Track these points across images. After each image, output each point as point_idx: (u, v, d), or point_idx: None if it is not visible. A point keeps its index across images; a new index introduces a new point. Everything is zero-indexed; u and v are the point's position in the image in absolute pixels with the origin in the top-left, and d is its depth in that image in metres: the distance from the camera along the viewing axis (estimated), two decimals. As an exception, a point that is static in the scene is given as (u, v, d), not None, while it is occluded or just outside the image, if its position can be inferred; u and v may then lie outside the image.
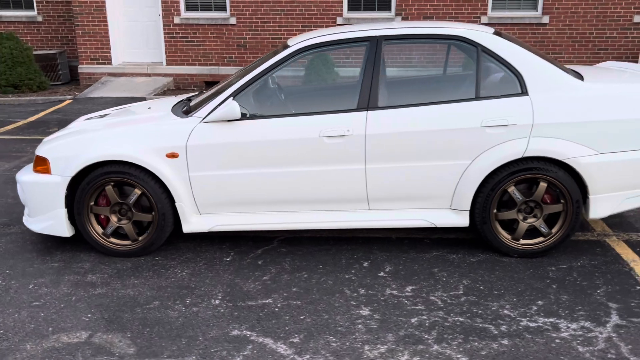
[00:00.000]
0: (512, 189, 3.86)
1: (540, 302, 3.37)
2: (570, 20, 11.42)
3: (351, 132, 3.82)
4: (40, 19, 13.77)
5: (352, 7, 11.81)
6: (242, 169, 3.91)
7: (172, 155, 3.91)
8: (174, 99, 4.72)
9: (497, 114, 3.77)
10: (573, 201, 3.81)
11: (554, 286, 3.56)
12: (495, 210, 3.92)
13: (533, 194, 3.86)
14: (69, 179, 3.97)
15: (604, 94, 3.77)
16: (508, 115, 3.76)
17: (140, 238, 4.09)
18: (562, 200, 3.85)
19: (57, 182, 3.98)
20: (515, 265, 3.86)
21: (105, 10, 12.36)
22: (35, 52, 12.88)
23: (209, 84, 12.36)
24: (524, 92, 3.80)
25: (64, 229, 4.06)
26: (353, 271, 3.82)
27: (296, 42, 4.03)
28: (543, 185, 3.83)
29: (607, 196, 3.83)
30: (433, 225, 3.93)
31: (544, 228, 3.91)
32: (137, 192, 3.99)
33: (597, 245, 4.13)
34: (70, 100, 11.07)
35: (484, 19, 11.43)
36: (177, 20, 12.12)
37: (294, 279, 3.73)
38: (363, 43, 3.98)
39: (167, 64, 12.45)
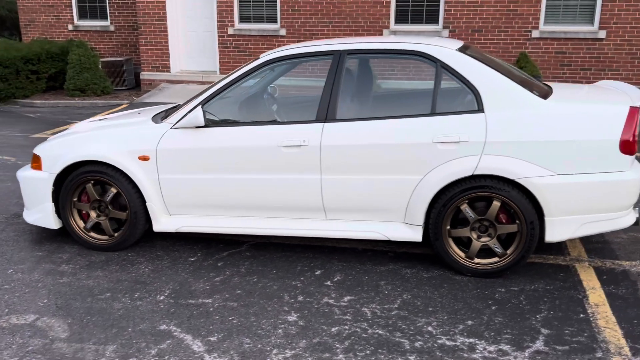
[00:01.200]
0: (464, 207, 3.82)
1: (469, 322, 3.32)
2: (630, 36, 10.85)
3: (307, 142, 3.93)
4: (112, 28, 14.77)
5: (400, 19, 11.83)
6: (206, 174, 4.11)
7: (144, 158, 4.18)
8: (166, 107, 5.02)
9: (449, 130, 3.74)
10: (527, 222, 3.71)
11: (493, 307, 3.49)
12: (448, 227, 3.88)
13: (487, 212, 3.79)
14: (54, 176, 4.33)
15: (563, 113, 3.66)
16: (460, 131, 3.73)
17: (116, 234, 4.38)
18: (517, 221, 3.76)
19: (45, 179, 4.36)
20: (466, 284, 3.80)
21: (166, 20, 13.08)
22: (103, 59, 13.84)
23: (259, 93, 12.76)
24: (479, 109, 3.76)
25: (51, 222, 4.43)
26: (302, 278, 3.92)
27: (265, 54, 4.19)
28: (496, 204, 3.76)
29: (564, 219, 3.69)
30: (386, 239, 3.96)
31: (497, 248, 3.83)
32: (113, 190, 4.29)
33: (562, 270, 3.98)
34: (127, 105, 11.80)
35: (535, 33, 11.10)
36: (230, 31, 12.63)
37: (242, 281, 3.88)
38: (327, 57, 4.08)
39: (221, 72, 12.98)
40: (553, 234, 3.72)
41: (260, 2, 12.51)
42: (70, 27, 15.12)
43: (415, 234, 3.92)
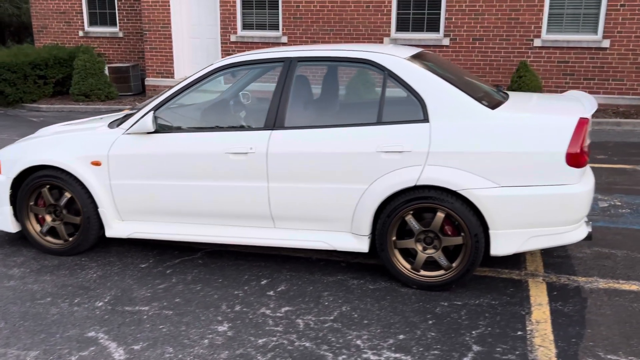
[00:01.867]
0: (409, 218, 3.74)
1: (401, 337, 3.24)
2: (635, 45, 10.61)
3: (254, 150, 3.90)
4: (121, 34, 14.99)
5: (401, 27, 11.76)
6: (156, 180, 4.10)
7: (96, 163, 4.19)
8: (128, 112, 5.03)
9: (393, 140, 3.67)
10: (471, 235, 3.61)
11: (430, 322, 3.39)
12: (394, 238, 3.80)
13: (431, 224, 3.71)
14: (11, 180, 4.37)
15: (509, 124, 3.56)
16: (404, 141, 3.66)
17: (70, 239, 4.40)
18: (462, 234, 3.67)
19: (3, 182, 4.40)
20: (410, 296, 3.71)
21: (171, 27, 13.21)
22: (111, 65, 14.03)
23: (260, 100, 12.79)
24: (425, 118, 3.68)
25: (9, 225, 4.47)
26: (246, 288, 3.87)
27: (218, 61, 4.18)
28: (440, 215, 3.67)
29: (509, 232, 3.59)
30: (332, 248, 3.89)
31: (443, 261, 3.74)
32: (67, 195, 4.31)
33: (513, 285, 3.86)
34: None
35: (537, 42, 10.93)
36: (233, 38, 12.69)
37: (185, 290, 3.85)
38: (278, 64, 4.05)
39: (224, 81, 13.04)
40: (497, 247, 3.62)
41: (263, 10, 12.56)
42: (80, 33, 15.38)
43: (361, 245, 3.84)
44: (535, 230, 3.58)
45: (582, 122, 3.51)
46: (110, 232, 4.29)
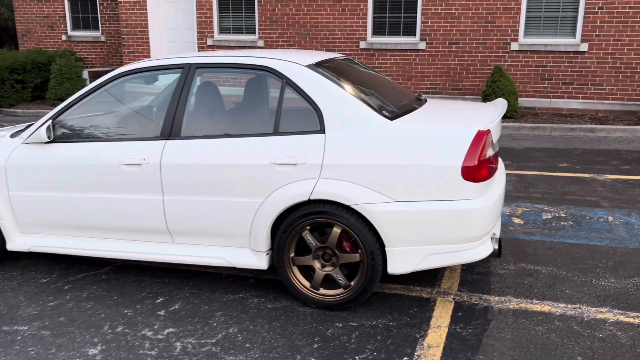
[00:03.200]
0: (305, 233, 3.54)
1: (277, 362, 3.04)
2: (614, 49, 10.34)
3: (147, 161, 3.72)
4: (103, 38, 14.91)
5: (377, 31, 11.57)
6: (53, 192, 3.94)
7: (-5, 175, 4.04)
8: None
9: (288, 151, 3.48)
10: (367, 252, 3.41)
11: (316, 345, 3.19)
12: (292, 255, 3.61)
13: (328, 240, 3.51)
14: None
15: (406, 135, 3.36)
16: (298, 153, 3.46)
17: (-27, 252, 4.25)
18: (359, 250, 3.46)
19: None
20: (306, 317, 3.51)
21: (148, 31, 13.10)
22: (92, 69, 13.95)
23: (237, 104, 12.64)
24: (321, 129, 3.49)
25: None
26: (139, 306, 3.69)
27: (120, 68, 4.01)
28: (336, 231, 3.47)
29: (406, 250, 3.38)
30: (230, 265, 3.70)
31: (341, 279, 3.54)
32: (-32, 207, 4.15)
33: (419, 304, 3.65)
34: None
35: (514, 46, 10.69)
36: (209, 42, 12.56)
37: (74, 308, 3.68)
38: (177, 70, 3.87)
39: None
40: (394, 265, 3.41)
41: (240, 14, 12.42)
42: (64, 37, 15.33)
43: (260, 262, 3.65)
44: (433, 247, 3.37)
45: (481, 134, 3.30)
46: (11, 245, 4.14)
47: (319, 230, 3.58)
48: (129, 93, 4.18)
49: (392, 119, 3.48)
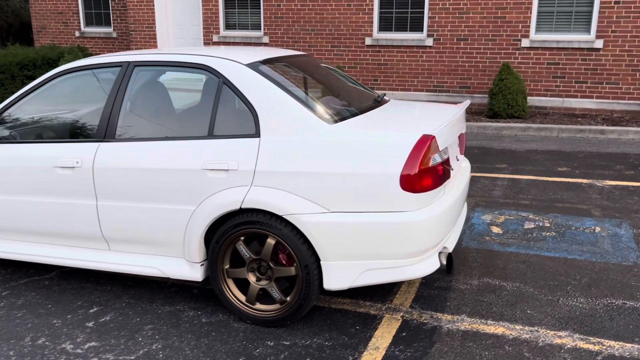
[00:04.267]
0: (239, 244, 3.31)
1: (191, 385, 2.82)
2: (630, 46, 9.81)
3: (80, 164, 3.54)
4: (114, 35, 14.93)
5: (383, 27, 11.25)
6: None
7: (-63, 176, 3.92)
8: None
9: (220, 156, 3.26)
10: (302, 266, 3.16)
11: (237, 367, 2.97)
12: (227, 267, 3.39)
13: (262, 252, 3.28)
14: None
15: (344, 141, 3.09)
16: (230, 158, 3.23)
17: None
18: (295, 264, 3.22)
19: None
20: (238, 334, 3.28)
21: (155, 27, 13.04)
22: (100, 66, 13.94)
23: (243, 102, 12.47)
24: (256, 133, 3.25)
25: None
26: (70, 316, 3.52)
27: (62, 66, 3.84)
28: (270, 242, 3.23)
29: (342, 264, 3.12)
30: (165, 276, 3.50)
31: (275, 294, 3.30)
32: None
33: (364, 321, 3.39)
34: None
35: (525, 42, 10.25)
36: (215, 38, 12.42)
37: (3, 316, 3.53)
38: (116, 68, 3.68)
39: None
40: (330, 280, 3.15)
41: (245, 9, 12.24)
42: (77, 33, 15.40)
43: (194, 273, 3.44)
44: (371, 262, 3.10)
45: (424, 140, 3.01)
46: (-45, 248, 4.01)
47: (259, 241, 3.35)
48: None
49: (333, 122, 3.21)
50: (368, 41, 11.31)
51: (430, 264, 3.16)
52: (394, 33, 11.19)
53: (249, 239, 3.34)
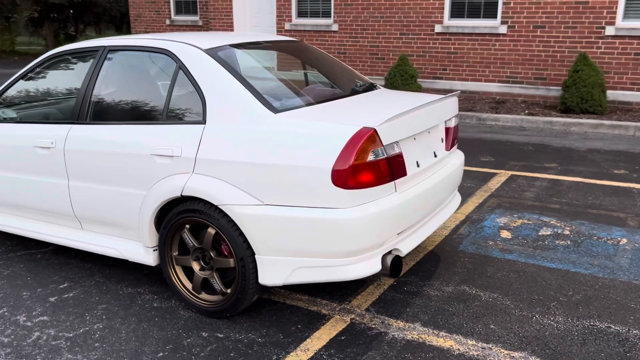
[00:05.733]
0: (184, 232, 3.27)
1: (107, 368, 2.84)
2: None
3: (54, 145, 3.67)
4: (200, 22, 15.47)
5: (455, 14, 10.73)
6: (-11, 170, 4.05)
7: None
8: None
9: (166, 142, 3.23)
10: (238, 258, 3.06)
11: (160, 354, 2.94)
12: (176, 253, 3.37)
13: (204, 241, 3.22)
14: None
15: (284, 131, 2.94)
16: (175, 145, 3.19)
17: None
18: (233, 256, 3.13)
19: None
20: (180, 321, 3.26)
21: (233, 16, 13.34)
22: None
23: (312, 90, 12.46)
24: (203, 120, 3.18)
25: None
26: (40, 290, 3.68)
27: (51, 50, 4.00)
28: (210, 232, 3.17)
29: (275, 260, 2.98)
30: (124, 258, 3.55)
31: (216, 284, 3.23)
32: None
33: (308, 320, 3.23)
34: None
35: (609, 30, 9.34)
36: (287, 26, 12.49)
37: (-16, 285, 3.76)
38: (95, 53, 3.77)
39: (278, 69, 12.87)
40: (265, 276, 3.03)
41: (318, -3, 12.17)
42: (167, 21, 16.14)
43: (148, 257, 3.46)
44: (303, 260, 2.94)
45: (361, 133, 2.79)
46: (-35, 219, 4.33)
47: (204, 231, 3.29)
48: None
49: (277, 112, 3.07)
50: (438, 28, 10.83)
51: (368, 266, 2.94)
52: (465, 20, 10.62)
53: (198, 228, 3.29)
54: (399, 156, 3.02)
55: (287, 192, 2.89)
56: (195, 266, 3.30)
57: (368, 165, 2.82)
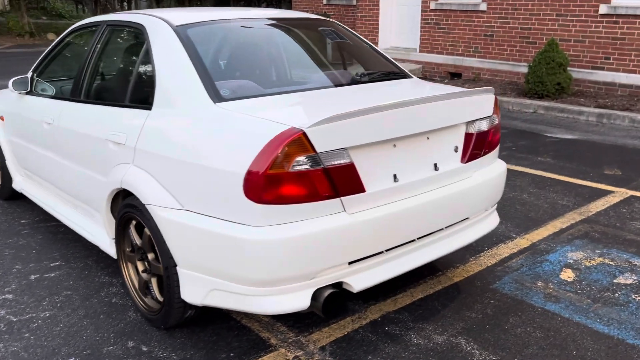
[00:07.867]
0: (130, 227, 2.96)
1: (11, 364, 2.66)
2: None
3: (52, 121, 3.61)
4: (354, 2, 15.15)
5: (625, -9, 8.97)
6: (21, 140, 4.14)
7: (1, 118, 4.46)
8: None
9: (117, 127, 2.94)
10: (163, 266, 2.67)
11: (71, 359, 2.69)
12: (129, 250, 3.08)
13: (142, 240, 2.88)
14: None
15: (211, 124, 2.48)
16: (122, 131, 2.89)
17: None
18: (164, 263, 2.74)
19: None
20: (119, 323, 2.98)
21: (380, -6, 12.77)
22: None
23: (453, 76, 11.47)
24: (150, 105, 2.82)
25: None
26: (32, 265, 3.67)
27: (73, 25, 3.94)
28: (147, 232, 2.81)
29: (192, 275, 2.53)
30: (95, 243, 3.37)
31: (152, 291, 2.87)
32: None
33: (247, 350, 2.73)
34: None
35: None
36: (433, 5, 11.62)
37: (-7, 251, 3.87)
38: (97, 29, 3.60)
39: (420, 51, 12.08)
40: (185, 291, 2.60)
41: (468, -27, 11.06)
42: (325, 1, 16.10)
43: (111, 249, 3.23)
44: (217, 281, 2.44)
45: (285, 135, 2.20)
46: (14, 185, 4.53)
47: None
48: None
49: (219, 101, 2.59)
50: (603, 9, 9.15)
51: (291, 300, 2.35)
52: None
53: (142, 225, 2.96)
54: (348, 167, 2.35)
55: (204, 198, 2.42)
56: (140, 266, 2.99)
57: (292, 176, 2.22)
